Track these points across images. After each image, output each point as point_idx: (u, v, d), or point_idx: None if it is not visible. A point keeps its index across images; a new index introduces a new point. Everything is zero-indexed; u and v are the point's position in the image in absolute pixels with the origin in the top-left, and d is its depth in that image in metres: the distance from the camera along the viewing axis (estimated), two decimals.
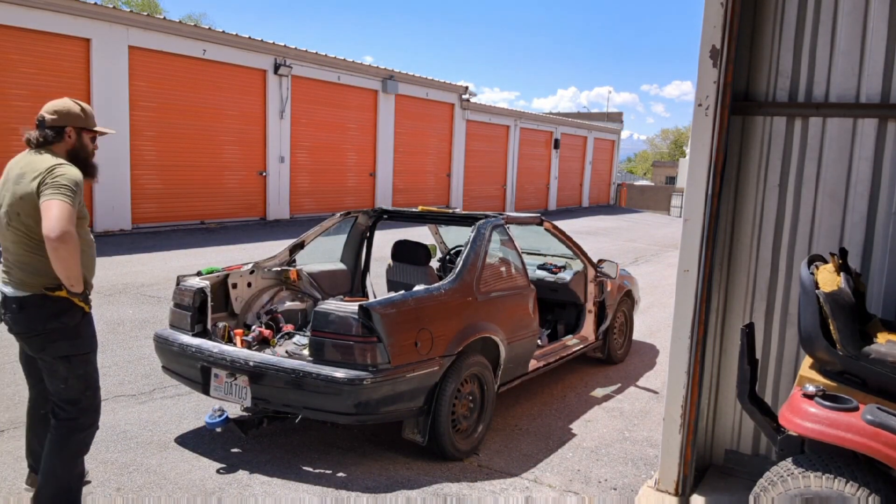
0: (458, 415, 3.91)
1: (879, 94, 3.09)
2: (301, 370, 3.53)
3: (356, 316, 3.53)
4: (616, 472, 3.92)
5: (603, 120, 34.45)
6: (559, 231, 5.29)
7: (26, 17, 10.98)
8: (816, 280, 2.56)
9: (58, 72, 11.60)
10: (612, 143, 31.74)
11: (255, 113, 15.18)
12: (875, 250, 3.17)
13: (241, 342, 4.10)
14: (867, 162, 3.14)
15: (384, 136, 18.69)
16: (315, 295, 5.03)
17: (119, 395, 4.66)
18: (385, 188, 18.93)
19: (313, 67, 16.21)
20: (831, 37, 3.16)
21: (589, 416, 4.77)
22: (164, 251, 10.79)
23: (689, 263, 3.22)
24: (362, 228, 5.50)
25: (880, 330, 2.67)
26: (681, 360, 3.26)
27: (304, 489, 3.47)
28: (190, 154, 13.89)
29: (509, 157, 23.66)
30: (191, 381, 3.96)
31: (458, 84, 21.01)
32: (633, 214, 26.37)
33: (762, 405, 2.81)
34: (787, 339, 3.39)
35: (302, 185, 16.49)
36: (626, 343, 6.29)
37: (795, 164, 3.29)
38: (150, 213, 13.23)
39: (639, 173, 67.95)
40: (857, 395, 2.41)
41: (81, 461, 2.98)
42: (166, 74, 13.28)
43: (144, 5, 32.99)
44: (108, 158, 12.30)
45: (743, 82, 3.34)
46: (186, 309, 4.09)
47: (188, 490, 3.40)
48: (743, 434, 3.58)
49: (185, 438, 4.01)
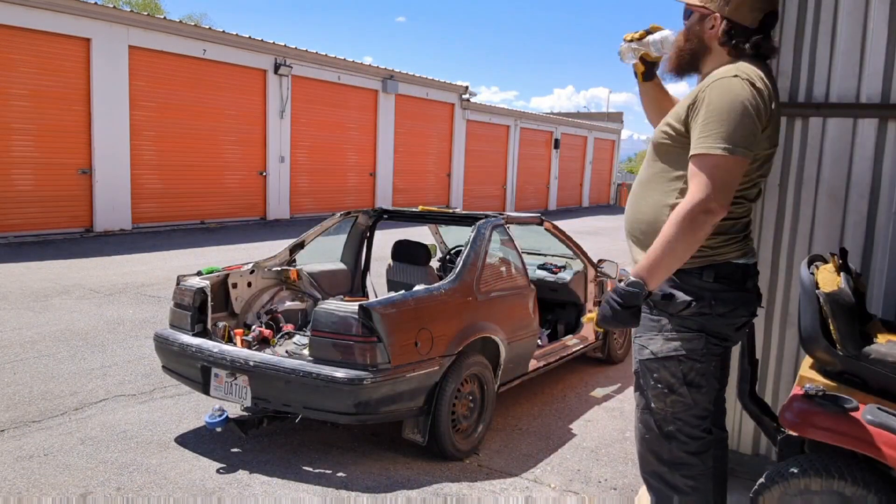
0: (458, 415, 3.91)
1: (879, 94, 3.09)
2: (301, 370, 3.53)
3: (356, 316, 3.53)
4: (616, 471, 3.92)
5: (603, 120, 34.45)
6: (559, 231, 5.29)
7: (26, 17, 10.98)
8: (816, 280, 2.56)
9: (58, 72, 11.61)
10: (613, 143, 31.76)
11: (255, 113, 15.19)
12: (875, 250, 3.17)
13: (241, 342, 4.10)
14: (867, 162, 3.14)
15: (384, 136, 18.69)
16: (315, 295, 5.03)
17: (119, 394, 4.66)
18: (385, 188, 18.94)
19: (313, 67, 16.22)
20: (831, 37, 3.16)
21: (589, 416, 4.77)
22: (164, 251, 10.79)
23: None
24: (362, 228, 5.50)
25: (880, 330, 2.67)
26: None
27: (304, 489, 3.47)
28: (190, 154, 13.89)
29: (509, 157, 23.65)
30: (191, 381, 3.96)
31: (458, 84, 21.02)
32: None
33: (762, 405, 2.81)
34: (787, 339, 3.39)
35: (302, 184, 16.50)
36: (626, 343, 6.28)
37: (795, 164, 3.29)
38: (150, 212, 13.23)
39: None
40: (857, 395, 2.40)
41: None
42: (166, 74, 13.29)
43: (145, 5, 32.99)
44: (108, 158, 12.33)
45: None
46: (186, 309, 4.09)
47: (188, 490, 3.40)
48: (743, 434, 3.58)
49: (185, 438, 4.01)
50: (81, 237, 11.83)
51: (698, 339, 2.03)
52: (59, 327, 6.18)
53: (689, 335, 2.04)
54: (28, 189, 11.42)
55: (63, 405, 4.42)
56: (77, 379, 4.90)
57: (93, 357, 5.41)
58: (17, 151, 11.27)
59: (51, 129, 11.60)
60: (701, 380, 2.06)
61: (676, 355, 2.05)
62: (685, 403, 2.08)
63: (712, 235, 1.97)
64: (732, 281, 2.04)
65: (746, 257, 2.11)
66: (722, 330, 2.06)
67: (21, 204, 11.34)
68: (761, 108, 1.91)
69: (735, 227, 2.08)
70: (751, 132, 1.89)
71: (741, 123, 1.87)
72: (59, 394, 4.60)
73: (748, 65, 1.99)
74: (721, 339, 2.08)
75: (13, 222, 11.22)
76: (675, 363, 2.06)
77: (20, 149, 11.30)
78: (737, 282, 2.05)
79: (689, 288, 2.02)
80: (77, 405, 4.43)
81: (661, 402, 2.10)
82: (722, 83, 1.93)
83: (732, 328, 2.08)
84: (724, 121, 1.87)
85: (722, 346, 2.12)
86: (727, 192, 1.88)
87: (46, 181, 11.62)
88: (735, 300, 2.05)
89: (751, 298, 2.11)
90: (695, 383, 2.06)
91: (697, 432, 2.10)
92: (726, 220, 2.00)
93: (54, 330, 6.09)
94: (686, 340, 2.03)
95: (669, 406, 2.10)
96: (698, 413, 2.09)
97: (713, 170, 1.86)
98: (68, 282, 8.11)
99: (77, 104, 11.94)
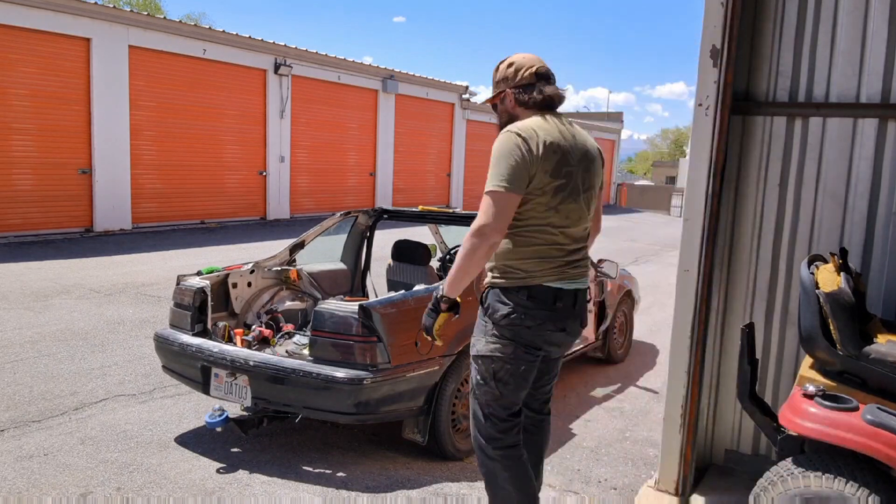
0: (458, 414, 3.91)
1: (880, 94, 3.09)
2: (301, 370, 3.53)
3: (356, 316, 3.53)
4: (616, 471, 3.92)
5: (603, 119, 34.44)
6: None
7: (26, 17, 10.98)
8: (816, 280, 2.56)
9: (58, 71, 11.61)
10: (613, 143, 31.73)
11: (255, 113, 15.19)
12: (875, 250, 3.17)
13: (241, 342, 4.10)
14: (867, 162, 3.14)
15: (384, 136, 18.69)
16: (315, 295, 5.03)
17: (119, 394, 4.66)
18: (385, 188, 18.94)
19: (313, 67, 16.22)
20: (831, 36, 3.16)
21: (589, 416, 4.77)
22: (164, 251, 10.79)
23: (689, 263, 3.22)
24: (362, 228, 5.50)
25: (880, 330, 2.67)
26: (681, 359, 3.26)
27: (304, 489, 3.47)
28: (190, 154, 13.89)
29: None
30: (191, 381, 3.96)
31: (458, 84, 21.02)
32: (633, 214, 26.38)
33: (762, 405, 2.81)
34: (787, 339, 3.39)
35: (302, 184, 16.49)
36: (626, 343, 6.29)
37: (796, 164, 3.29)
38: (150, 212, 13.23)
39: (639, 173, 67.94)
40: (857, 395, 2.41)
41: None
42: (166, 74, 13.29)
43: (144, 5, 32.99)
44: (108, 158, 12.33)
45: (743, 82, 3.34)
46: (186, 308, 4.09)
47: (188, 490, 3.40)
48: (743, 434, 3.58)
49: (185, 438, 4.01)
50: (81, 237, 11.83)
51: (510, 346, 2.46)
52: (59, 327, 6.18)
53: (504, 342, 2.47)
54: (28, 189, 11.42)
55: (63, 405, 4.42)
56: (77, 379, 4.90)
57: (93, 357, 5.42)
58: (17, 151, 11.26)
59: (51, 129, 11.60)
60: (509, 378, 2.50)
61: (491, 356, 2.49)
62: (493, 395, 2.53)
63: (531, 260, 2.44)
64: (543, 301, 2.45)
65: (562, 282, 2.48)
66: (532, 340, 2.48)
67: (21, 204, 11.34)
68: (525, 153, 2.35)
69: (554, 253, 2.47)
70: (516, 172, 2.33)
71: (507, 166, 2.34)
72: (59, 394, 4.60)
73: (530, 119, 2.48)
74: (533, 348, 2.50)
75: (13, 222, 11.22)
76: (489, 361, 2.50)
77: (20, 149, 11.29)
78: (546, 302, 2.45)
79: (508, 302, 2.45)
80: (77, 405, 4.44)
81: (479, 390, 2.57)
82: (498, 138, 2.43)
83: (542, 339, 2.49)
84: (496, 165, 2.36)
85: (534, 355, 2.52)
86: (499, 219, 2.33)
87: (46, 181, 11.62)
88: (543, 317, 2.46)
89: (559, 316, 2.49)
90: (503, 380, 2.50)
91: (504, 415, 2.55)
92: (543, 246, 2.44)
93: (54, 330, 6.09)
94: (501, 346, 2.47)
95: (483, 394, 2.55)
96: (504, 404, 2.54)
97: (488, 203, 2.34)
98: (68, 282, 8.11)
99: (77, 104, 11.94)
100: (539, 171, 2.37)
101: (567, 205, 2.46)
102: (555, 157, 2.40)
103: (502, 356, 2.47)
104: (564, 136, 2.47)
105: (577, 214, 2.50)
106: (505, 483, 2.56)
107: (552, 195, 2.42)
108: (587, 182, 2.54)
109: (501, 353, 2.47)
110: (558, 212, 2.44)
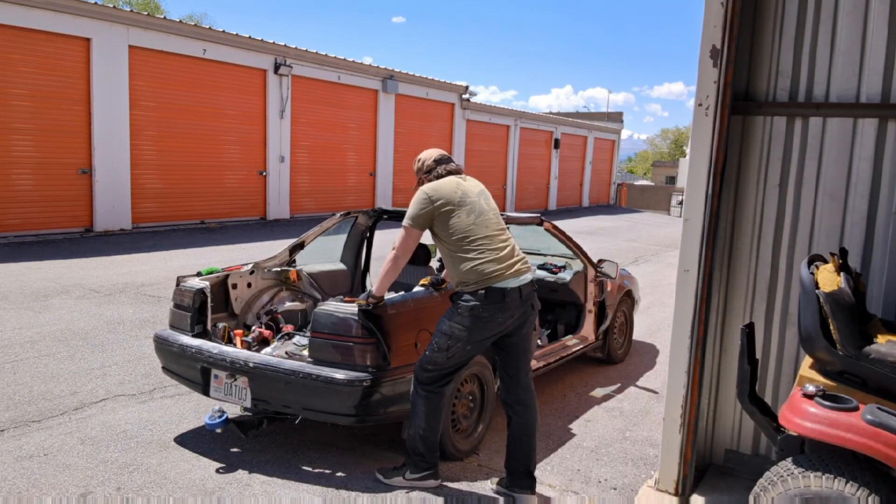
0: (458, 415, 3.91)
1: (879, 94, 3.09)
2: (301, 371, 3.53)
3: (356, 317, 3.53)
4: (616, 471, 3.92)
5: (603, 120, 34.44)
6: (559, 231, 5.29)
7: (26, 17, 10.97)
8: (816, 280, 2.56)
9: (58, 72, 11.60)
10: (613, 143, 31.73)
11: (255, 113, 15.18)
12: (875, 250, 3.17)
13: (240, 343, 4.10)
14: (867, 162, 3.14)
15: (384, 136, 18.68)
16: (315, 295, 5.03)
17: (119, 394, 4.66)
18: (385, 188, 18.93)
19: (313, 67, 16.21)
20: (831, 37, 3.16)
21: (589, 416, 4.77)
22: (164, 251, 10.79)
23: (689, 263, 3.22)
24: (362, 228, 5.49)
25: (880, 330, 2.67)
26: (681, 359, 3.26)
27: (304, 489, 3.47)
28: (190, 154, 13.88)
29: (509, 156, 23.64)
30: (191, 382, 3.95)
31: (457, 84, 21.01)
32: (633, 214, 26.38)
33: (762, 405, 2.81)
34: (787, 339, 3.39)
35: (302, 184, 16.48)
36: (626, 343, 6.29)
37: (796, 164, 3.29)
38: (150, 212, 13.22)
39: (639, 173, 67.94)
40: (857, 395, 2.41)
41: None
42: (166, 74, 13.28)
43: (145, 5, 33.00)
44: (108, 158, 12.33)
45: (743, 82, 3.34)
46: (186, 309, 4.09)
47: (188, 490, 3.40)
48: (743, 434, 3.58)
49: (185, 438, 4.01)
50: (81, 237, 11.83)
51: (463, 331, 3.33)
52: (59, 327, 6.18)
53: (459, 328, 3.34)
54: (28, 189, 11.41)
55: (63, 405, 4.42)
56: (77, 379, 4.90)
57: (93, 357, 5.42)
58: (17, 151, 11.25)
59: (51, 129, 11.59)
60: (453, 352, 3.36)
61: (448, 332, 3.35)
62: (440, 359, 3.39)
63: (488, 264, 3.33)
64: (494, 298, 3.31)
65: (507, 282, 3.34)
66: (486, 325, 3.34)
67: (21, 204, 11.33)
68: (427, 203, 3.41)
69: (500, 262, 3.36)
70: (421, 215, 3.41)
71: (415, 210, 3.43)
72: (59, 394, 4.60)
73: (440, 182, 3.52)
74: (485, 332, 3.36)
75: (13, 222, 11.21)
76: (445, 337, 3.36)
77: (20, 149, 11.28)
78: (496, 299, 3.31)
79: (471, 299, 3.32)
80: (77, 405, 4.44)
81: (431, 352, 3.41)
82: (416, 193, 3.49)
83: (495, 323, 3.35)
84: (410, 209, 3.46)
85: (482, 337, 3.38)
86: (405, 246, 3.44)
87: (46, 181, 11.61)
88: (494, 309, 3.32)
89: (507, 308, 3.34)
90: (451, 353, 3.37)
91: (438, 374, 3.42)
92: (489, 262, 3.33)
93: (54, 330, 6.09)
94: (457, 329, 3.34)
95: (433, 355, 3.40)
96: (445, 366, 3.40)
97: (401, 234, 3.44)
98: (68, 282, 8.11)
99: (77, 104, 11.93)
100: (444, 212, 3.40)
101: (484, 216, 3.46)
102: (456, 196, 3.44)
103: (458, 336, 3.34)
104: (460, 185, 3.53)
105: (494, 224, 3.48)
106: (420, 412, 3.43)
107: (467, 214, 3.42)
108: (489, 204, 3.56)
109: (459, 333, 3.33)
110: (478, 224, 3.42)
